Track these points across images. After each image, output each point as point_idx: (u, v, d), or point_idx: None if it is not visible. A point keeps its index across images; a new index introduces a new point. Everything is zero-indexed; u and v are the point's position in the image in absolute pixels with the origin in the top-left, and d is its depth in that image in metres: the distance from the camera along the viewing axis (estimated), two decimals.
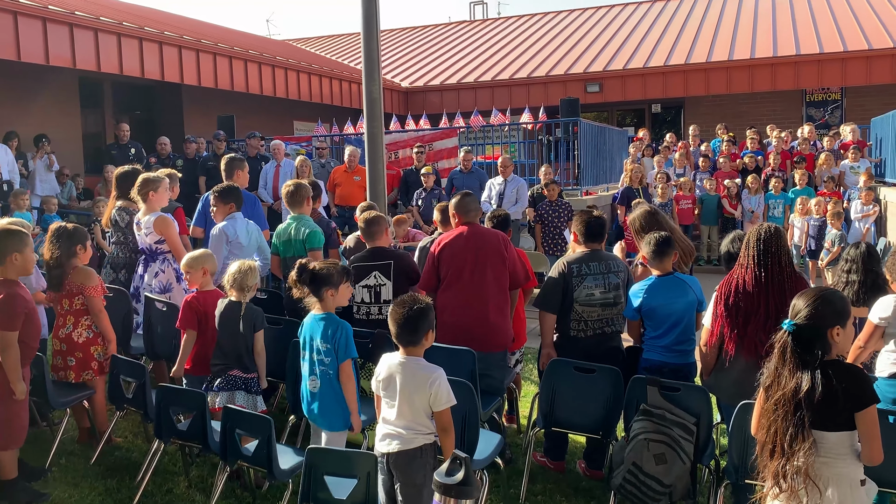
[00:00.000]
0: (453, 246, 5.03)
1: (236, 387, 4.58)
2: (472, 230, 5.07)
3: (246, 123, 14.44)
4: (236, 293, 4.63)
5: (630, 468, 4.06)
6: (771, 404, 2.83)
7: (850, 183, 11.72)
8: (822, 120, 18.48)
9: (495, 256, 4.99)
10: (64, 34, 11.08)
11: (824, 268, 9.60)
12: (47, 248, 5.16)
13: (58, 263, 5.12)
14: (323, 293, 4.11)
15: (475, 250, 4.98)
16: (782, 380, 2.81)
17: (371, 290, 5.31)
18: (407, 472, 3.42)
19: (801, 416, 2.73)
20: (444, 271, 5.03)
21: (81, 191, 11.97)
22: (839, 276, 4.76)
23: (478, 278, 4.94)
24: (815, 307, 2.82)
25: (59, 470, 4.98)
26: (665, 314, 4.55)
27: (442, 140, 13.15)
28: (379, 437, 3.56)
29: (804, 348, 2.78)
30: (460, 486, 1.97)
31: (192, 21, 18.93)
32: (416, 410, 3.44)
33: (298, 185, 6.05)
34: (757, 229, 4.12)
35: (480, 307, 4.92)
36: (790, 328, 2.83)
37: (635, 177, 11.73)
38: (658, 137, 17.20)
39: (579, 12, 26.66)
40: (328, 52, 26.08)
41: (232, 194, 6.08)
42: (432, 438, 3.49)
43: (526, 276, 5.15)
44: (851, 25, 19.09)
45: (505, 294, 5.06)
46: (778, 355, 2.85)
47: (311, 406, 4.20)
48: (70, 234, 5.16)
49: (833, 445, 2.76)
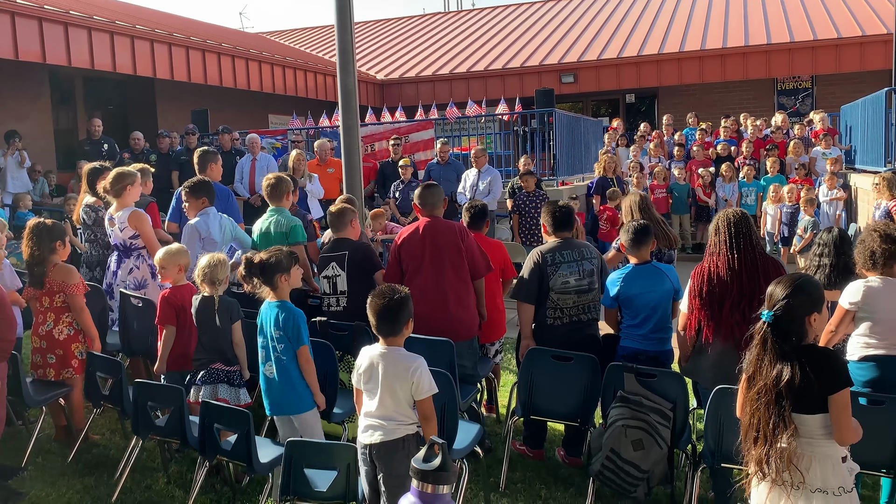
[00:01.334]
0: (411, 240, 5.11)
1: (219, 380, 4.56)
2: (429, 224, 5.12)
3: (220, 117, 14.31)
4: (208, 287, 4.61)
5: (608, 454, 4.11)
6: (753, 393, 2.87)
7: (821, 169, 11.89)
8: (794, 108, 18.69)
9: (451, 248, 5.04)
10: (33, 29, 10.90)
11: (797, 253, 9.74)
12: (26, 245, 5.10)
13: (38, 261, 5.07)
14: (276, 280, 4.19)
15: (431, 244, 5.05)
16: (763, 369, 2.85)
17: (329, 280, 5.36)
18: (390, 463, 3.44)
19: (783, 405, 2.78)
20: (406, 265, 5.10)
21: (54, 187, 11.82)
22: (811, 260, 4.84)
23: (436, 271, 5.01)
24: (791, 297, 2.85)
25: (36, 468, 4.93)
26: (642, 303, 4.60)
27: (418, 132, 13.13)
28: (361, 429, 3.56)
29: (783, 337, 2.83)
30: (437, 471, 1.98)
31: (163, 14, 18.72)
32: (398, 400, 3.45)
33: (279, 178, 6.03)
34: (724, 214, 4.19)
35: (440, 299, 4.97)
36: (769, 319, 2.85)
37: (609, 167, 11.80)
38: (632, 127, 17.30)
39: (553, 3, 26.68)
40: (302, 44, 25.91)
41: (203, 188, 5.99)
42: (415, 429, 3.51)
43: (486, 266, 5.19)
44: (821, 14, 19.31)
45: (466, 284, 5.11)
46: (759, 345, 2.88)
47: (270, 396, 4.24)
48: (49, 229, 5.12)
49: (813, 427, 2.81)
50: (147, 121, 14.43)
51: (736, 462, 3.52)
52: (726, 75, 18.12)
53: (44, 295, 5.11)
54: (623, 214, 5.47)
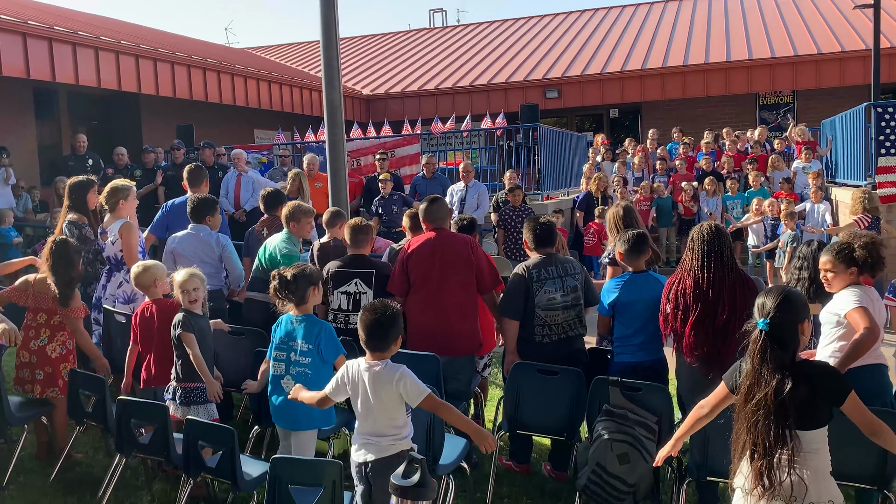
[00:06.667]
0: (420, 251, 5.07)
1: (184, 400, 4.54)
2: (440, 236, 5.10)
3: (205, 132, 14.27)
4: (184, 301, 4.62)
5: (594, 468, 4.11)
6: (752, 405, 2.81)
7: (801, 183, 12.02)
8: (775, 122, 18.89)
9: (461, 262, 5.02)
10: (17, 43, 10.86)
11: (781, 269, 9.80)
12: (50, 265, 5.04)
13: (67, 281, 5.04)
14: (308, 293, 4.19)
15: (441, 256, 5.02)
16: (762, 381, 2.80)
17: (350, 297, 5.29)
18: (385, 480, 3.40)
19: (786, 417, 2.75)
20: (413, 276, 5.06)
21: (38, 203, 11.72)
22: (791, 274, 4.87)
23: (444, 284, 4.98)
24: (782, 304, 2.83)
25: (17, 487, 4.87)
26: (638, 311, 4.62)
27: (404, 147, 13.15)
28: (354, 448, 3.55)
29: (781, 346, 2.80)
30: (416, 487, 1.99)
31: (148, 30, 18.71)
32: (388, 410, 3.42)
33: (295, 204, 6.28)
34: (699, 229, 4.25)
35: (445, 312, 4.95)
36: (764, 327, 2.82)
37: (601, 185, 11.74)
38: (616, 142, 17.42)
39: (537, 19, 26.89)
40: (288, 60, 25.95)
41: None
42: (409, 444, 3.50)
43: (494, 280, 5.15)
44: (801, 31, 19.57)
45: (472, 299, 5.09)
46: (757, 355, 2.82)
47: (286, 410, 4.17)
48: (76, 249, 5.19)
49: (810, 441, 2.81)
50: (132, 136, 14.34)
51: (722, 475, 3.54)
52: (709, 90, 18.31)
53: (41, 311, 5.07)
54: (608, 227, 5.50)
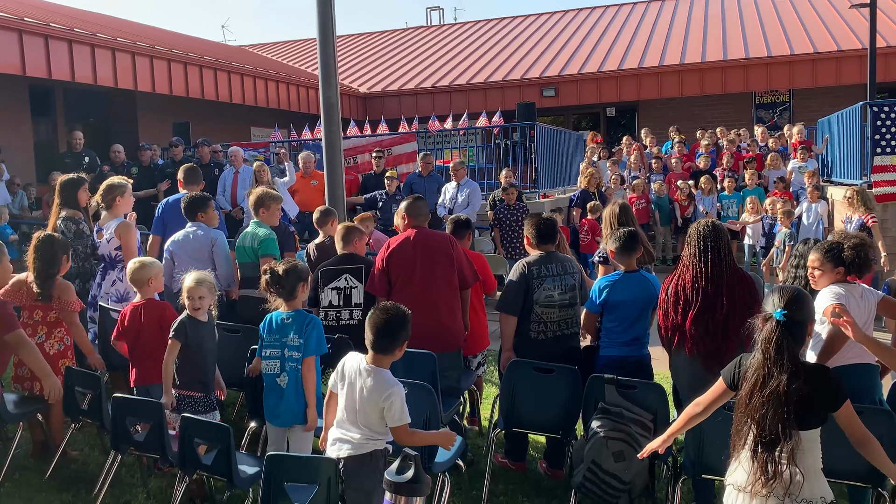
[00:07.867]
0: (401, 250, 5.07)
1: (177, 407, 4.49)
2: (420, 233, 5.11)
3: (202, 130, 14.26)
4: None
5: (590, 466, 4.11)
6: (761, 397, 2.79)
7: (798, 182, 12.04)
8: (772, 121, 18.92)
9: (443, 258, 5.04)
10: (13, 40, 10.83)
11: (780, 268, 9.80)
12: (33, 259, 5.03)
13: (48, 276, 5.02)
14: (298, 288, 4.21)
15: (423, 253, 5.03)
16: (774, 371, 2.78)
17: (340, 292, 5.32)
18: (357, 477, 3.40)
19: (792, 411, 2.76)
20: (395, 275, 5.05)
21: (34, 200, 11.71)
22: (788, 272, 4.88)
23: (427, 281, 4.99)
24: (798, 300, 2.83)
25: (13, 485, 4.86)
26: (629, 310, 4.63)
27: (401, 144, 13.16)
28: (330, 442, 3.54)
29: (795, 339, 2.80)
30: (410, 483, 2.00)
31: (145, 27, 18.67)
32: (370, 415, 3.41)
33: (260, 191, 6.10)
34: (696, 226, 4.27)
35: (431, 309, 4.94)
36: (781, 318, 2.79)
37: (593, 181, 11.83)
38: (612, 141, 17.44)
39: (534, 17, 26.89)
40: (284, 57, 25.92)
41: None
42: (384, 444, 3.48)
43: (474, 276, 5.20)
44: (798, 30, 19.59)
45: (456, 295, 5.11)
46: (772, 346, 2.79)
47: (280, 407, 4.20)
48: (61, 244, 5.15)
49: (804, 441, 2.83)
50: (128, 133, 14.34)
51: (717, 472, 3.54)
52: (705, 89, 18.33)
53: (37, 308, 5.06)
54: (603, 225, 5.51)
